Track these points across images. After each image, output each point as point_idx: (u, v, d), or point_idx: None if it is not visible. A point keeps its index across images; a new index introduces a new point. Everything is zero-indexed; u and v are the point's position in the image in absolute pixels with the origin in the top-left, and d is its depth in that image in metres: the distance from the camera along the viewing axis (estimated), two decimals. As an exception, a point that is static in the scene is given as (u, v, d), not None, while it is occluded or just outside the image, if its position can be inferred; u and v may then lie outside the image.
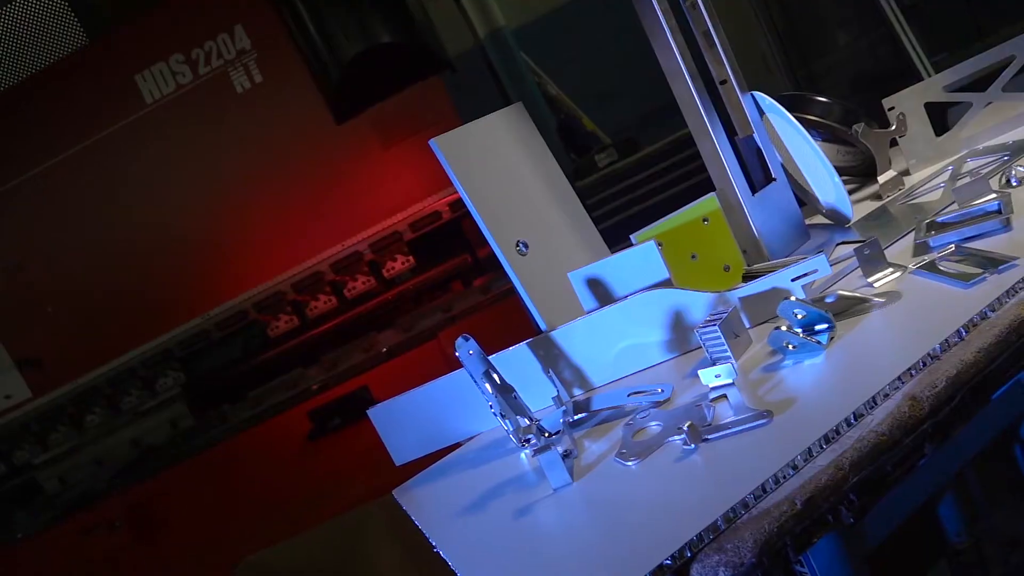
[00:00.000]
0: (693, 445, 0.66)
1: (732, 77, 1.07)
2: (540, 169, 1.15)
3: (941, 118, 1.22)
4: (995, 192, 0.89)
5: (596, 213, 3.14)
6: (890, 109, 1.16)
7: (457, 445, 1.00)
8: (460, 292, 2.86)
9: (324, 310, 2.90)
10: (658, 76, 1.05)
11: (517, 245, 1.08)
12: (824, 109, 1.23)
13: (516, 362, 0.95)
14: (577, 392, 0.96)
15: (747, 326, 0.88)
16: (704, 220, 1.05)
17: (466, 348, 0.87)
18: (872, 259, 0.83)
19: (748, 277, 0.99)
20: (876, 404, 0.61)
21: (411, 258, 2.86)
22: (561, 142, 3.60)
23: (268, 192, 2.77)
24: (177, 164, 2.77)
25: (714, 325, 0.81)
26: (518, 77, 3.66)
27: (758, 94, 1.08)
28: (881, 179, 1.13)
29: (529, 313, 1.08)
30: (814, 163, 1.07)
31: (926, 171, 1.16)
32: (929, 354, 0.63)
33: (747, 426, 0.66)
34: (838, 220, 1.10)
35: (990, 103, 1.15)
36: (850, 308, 0.79)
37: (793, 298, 0.76)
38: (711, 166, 1.06)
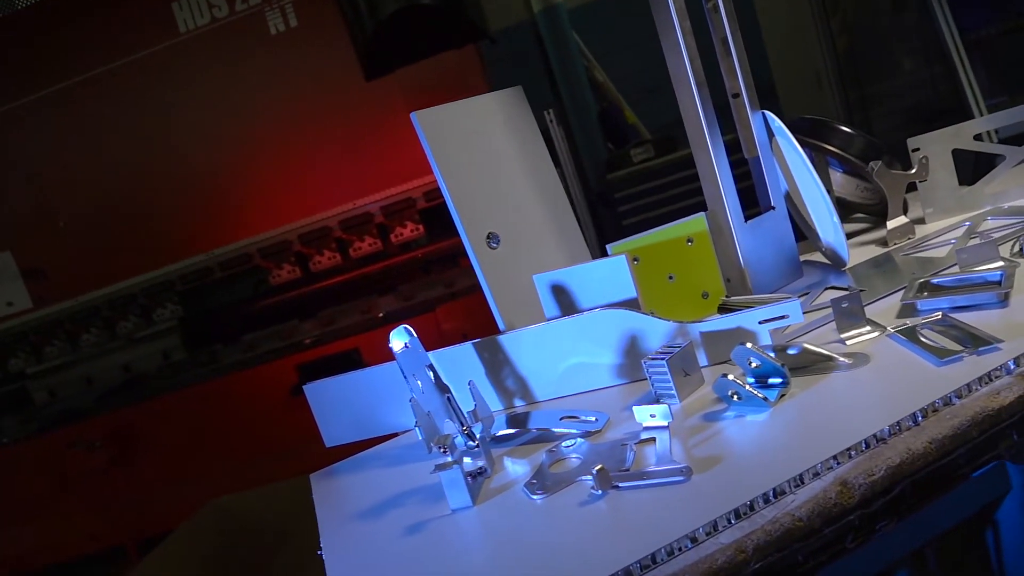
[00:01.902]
0: (600, 491, 0.60)
1: (744, 92, 0.99)
2: (528, 161, 1.08)
3: (975, 168, 1.12)
4: (1002, 260, 0.80)
5: (622, 208, 3.06)
6: (915, 150, 1.07)
7: (390, 436, 0.95)
8: (465, 269, 2.81)
9: (327, 266, 2.87)
10: (709, 78, 0.97)
11: (488, 237, 1.02)
12: (845, 140, 1.14)
13: (460, 362, 0.90)
14: (519, 403, 0.90)
15: (704, 364, 0.81)
16: (688, 240, 0.98)
17: (401, 341, 0.81)
18: (850, 313, 0.76)
19: (724, 309, 0.92)
20: (802, 483, 0.54)
21: (421, 227, 2.81)
22: (600, 130, 3.51)
23: (287, 140, 2.73)
24: (202, 98, 2.74)
25: (663, 360, 0.74)
26: (567, 58, 3.56)
27: (769, 115, 1.00)
28: (890, 224, 1.05)
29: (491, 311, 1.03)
30: (817, 196, 0.99)
31: (942, 223, 1.07)
32: (876, 435, 0.56)
33: (661, 480, 0.59)
34: (835, 262, 1.02)
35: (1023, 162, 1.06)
36: (813, 364, 0.72)
37: (750, 344, 0.69)
38: (705, 184, 0.99)
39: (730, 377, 0.67)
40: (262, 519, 2.46)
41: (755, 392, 0.66)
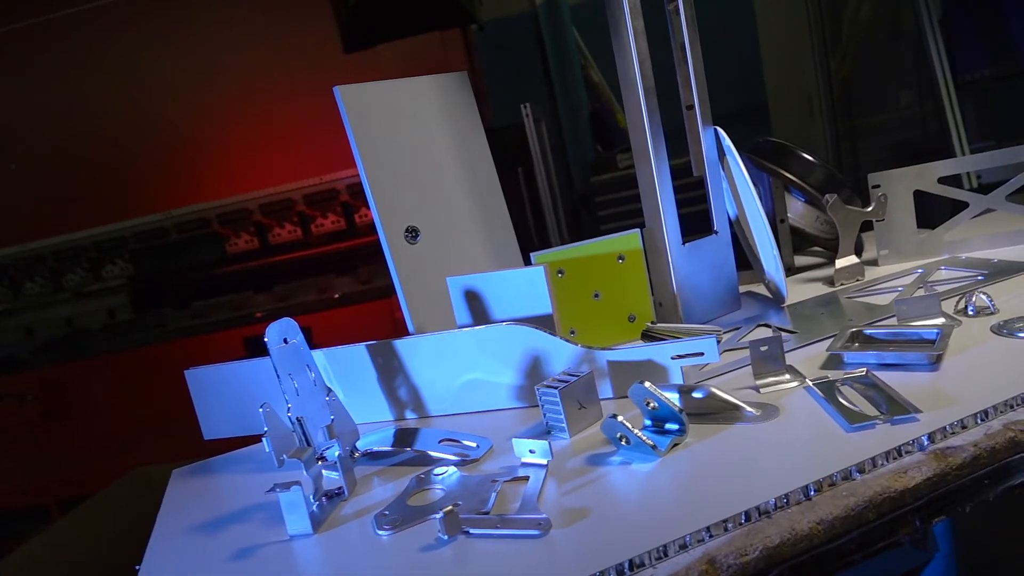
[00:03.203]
0: (446, 536, 0.53)
1: (697, 104, 0.92)
2: (464, 153, 1.00)
3: (952, 213, 1.05)
4: (942, 318, 0.74)
5: (602, 212, 2.99)
6: (874, 187, 1.00)
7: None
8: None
9: (287, 240, 2.78)
10: (717, 90, 0.90)
11: (407, 231, 0.94)
12: (805, 168, 1.07)
13: (351, 365, 0.82)
14: (411, 416, 0.82)
15: (609, 396, 0.74)
16: (620, 258, 0.90)
17: (279, 334, 0.73)
18: (768, 358, 0.69)
19: (647, 336, 0.85)
20: (665, 555, 0.47)
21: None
22: (591, 131, 3.44)
23: (257, 105, 2.63)
24: (173, 52, 2.63)
25: (555, 389, 0.67)
26: (564, 54, 3.48)
27: (721, 132, 0.93)
28: (839, 263, 0.98)
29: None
30: (760, 225, 0.91)
31: (896, 267, 1.00)
32: (759, 508, 0.49)
33: (515, 532, 0.52)
34: (776, 297, 0.95)
35: (989, 210, 0.99)
36: (718, 411, 0.65)
37: (648, 384, 0.62)
38: (645, 199, 0.91)
39: (620, 419, 0.60)
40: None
41: (644, 439, 0.59)
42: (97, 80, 2.68)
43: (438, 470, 0.65)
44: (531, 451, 0.62)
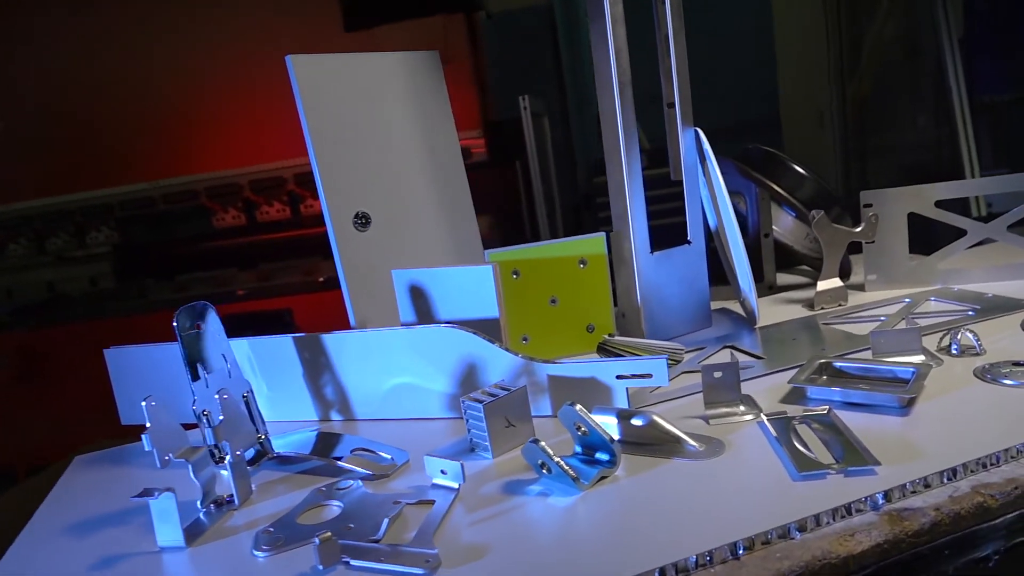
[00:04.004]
0: (321, 567, 0.46)
1: (678, 102, 0.85)
2: (428, 138, 0.93)
3: (940, 238, 0.98)
4: (921, 356, 0.67)
5: (603, 214, 2.92)
6: (866, 206, 0.92)
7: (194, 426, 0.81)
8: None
9: (276, 218, 2.71)
10: (724, 96, 0.85)
11: (357, 217, 0.87)
12: (795, 181, 1.00)
13: (276, 357, 0.75)
14: (336, 418, 0.76)
15: (546, 414, 0.67)
16: (581, 262, 0.83)
17: (190, 319, 0.67)
18: (721, 387, 0.62)
19: (603, 349, 0.78)
20: (559, 614, 0.40)
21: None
22: (596, 130, 3.35)
23: (252, 78, 2.56)
24: (170, 21, 2.57)
25: (479, 404, 0.60)
26: (577, 50, 3.40)
27: (702, 135, 0.86)
28: (820, 285, 0.91)
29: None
30: (736, 239, 0.84)
31: (883, 293, 0.93)
32: (677, 566, 0.42)
33: (398, 569, 0.45)
34: (749, 317, 0.88)
35: (989, 241, 0.92)
36: (659, 442, 0.58)
37: (579, 407, 0.55)
38: (614, 201, 0.84)
39: (541, 444, 0.53)
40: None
41: (566, 469, 0.52)
42: (93, 44, 2.62)
43: (344, 484, 0.59)
44: (442, 472, 0.55)
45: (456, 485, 0.55)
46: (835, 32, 2.88)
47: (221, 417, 0.57)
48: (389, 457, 0.62)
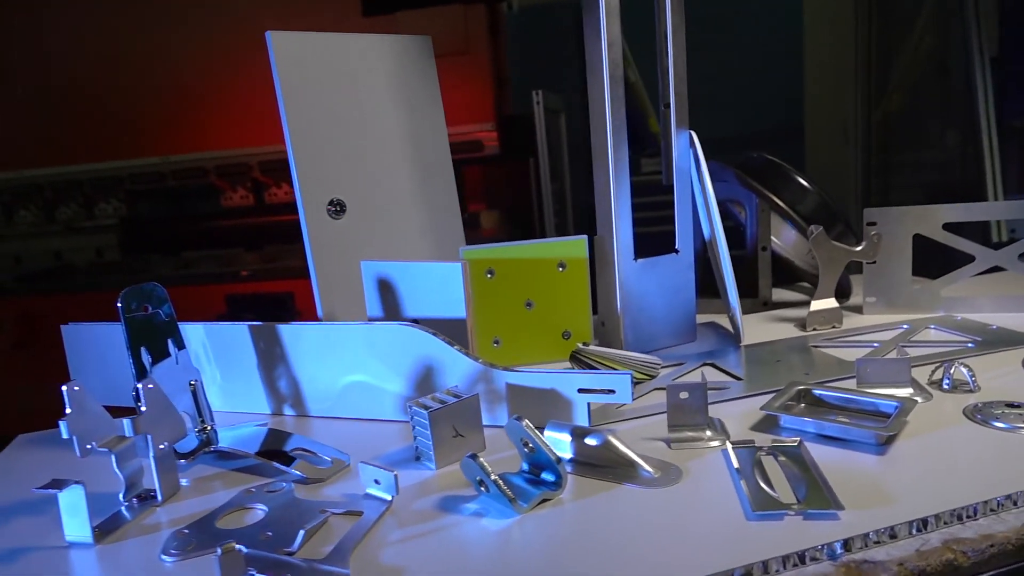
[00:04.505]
0: (221, 579, 0.43)
1: (674, 103, 0.80)
2: (413, 126, 0.89)
3: (954, 262, 0.92)
4: (910, 389, 0.62)
5: (640, 215, 2.88)
6: (869, 224, 0.87)
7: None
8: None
9: (284, 200, 2.69)
10: (750, 105, 0.81)
11: (331, 204, 0.84)
12: (797, 194, 0.95)
13: (231, 345, 0.72)
14: (289, 413, 0.72)
15: (501, 424, 0.63)
16: (560, 265, 0.79)
17: (136, 300, 0.64)
18: (687, 409, 0.57)
19: (576, 359, 0.74)
20: (464, 655, 0.36)
21: (387, 184, 2.62)
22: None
23: (267, 59, 2.54)
24: (191, -3, 2.56)
25: (424, 411, 0.56)
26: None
27: (696, 138, 0.81)
28: (814, 305, 0.86)
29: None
30: (724, 251, 0.80)
31: (881, 318, 0.88)
32: (603, 607, 0.39)
33: (302, 588, 0.42)
34: (736, 334, 0.84)
35: (998, 268, 0.86)
36: (613, 465, 0.54)
37: (525, 422, 0.51)
38: (599, 203, 0.80)
39: (479, 460, 0.49)
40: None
41: (503, 489, 0.48)
42: (113, 18, 2.61)
43: (276, 486, 0.55)
44: (376, 481, 0.52)
45: (388, 497, 0.51)
46: (864, 44, 2.81)
47: (143, 408, 0.53)
48: (329, 460, 0.59)
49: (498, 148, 2.69)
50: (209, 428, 0.66)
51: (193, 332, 0.73)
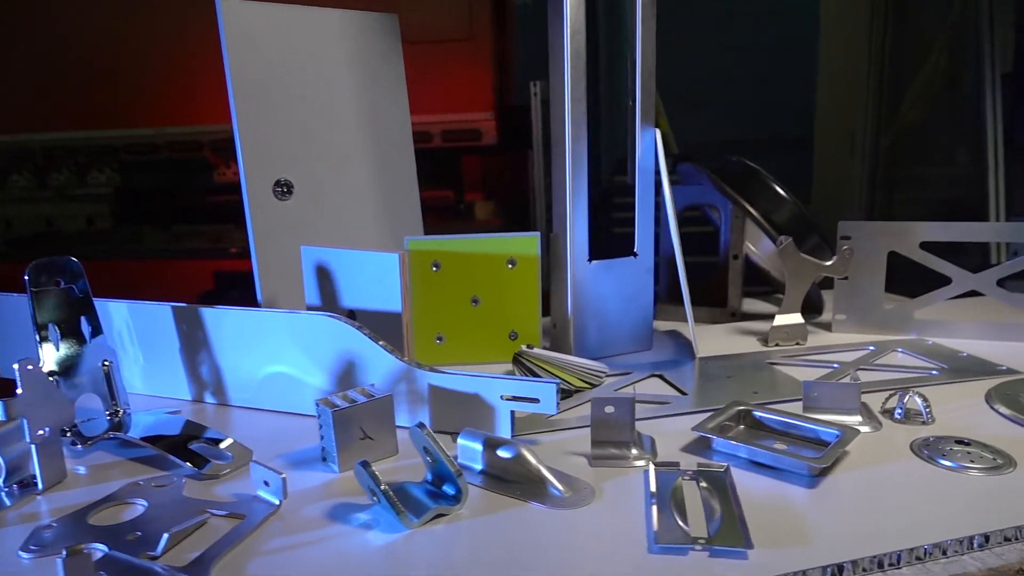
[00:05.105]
0: (65, 583, 0.39)
1: (639, 99, 0.76)
2: (372, 108, 0.86)
3: (929, 280, 0.88)
4: (858, 416, 0.58)
5: (616, 215, 2.83)
6: (843, 238, 0.83)
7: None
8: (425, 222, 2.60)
9: (277, 180, 2.66)
10: (768, 112, 0.78)
11: (278, 184, 0.80)
12: (772, 202, 0.91)
13: (153, 326, 0.69)
14: (210, 400, 0.69)
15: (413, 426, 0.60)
16: (510, 262, 0.76)
17: (45, 274, 0.61)
18: (612, 424, 0.54)
19: (518, 361, 0.70)
20: None
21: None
22: (627, 127, 3.25)
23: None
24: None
25: (329, 410, 0.53)
26: (617, 43, 3.30)
27: (659, 138, 0.77)
28: (778, 320, 0.82)
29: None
30: (679, 259, 0.76)
31: (850, 336, 0.84)
32: (466, 643, 0.35)
33: (148, 600, 0.38)
34: (690, 347, 0.80)
35: (976, 294, 0.82)
36: (524, 480, 0.50)
37: (426, 430, 0.47)
38: (555, 199, 0.76)
39: (371, 468, 0.45)
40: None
41: (393, 501, 0.45)
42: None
43: (165, 480, 0.52)
44: (266, 483, 0.48)
45: (276, 501, 0.47)
46: (878, 54, 2.74)
47: (19, 390, 0.50)
48: (231, 455, 0.55)
49: (496, 138, 2.64)
50: (122, 412, 0.62)
51: (116, 310, 0.70)
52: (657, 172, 0.78)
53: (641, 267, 0.79)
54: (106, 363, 0.62)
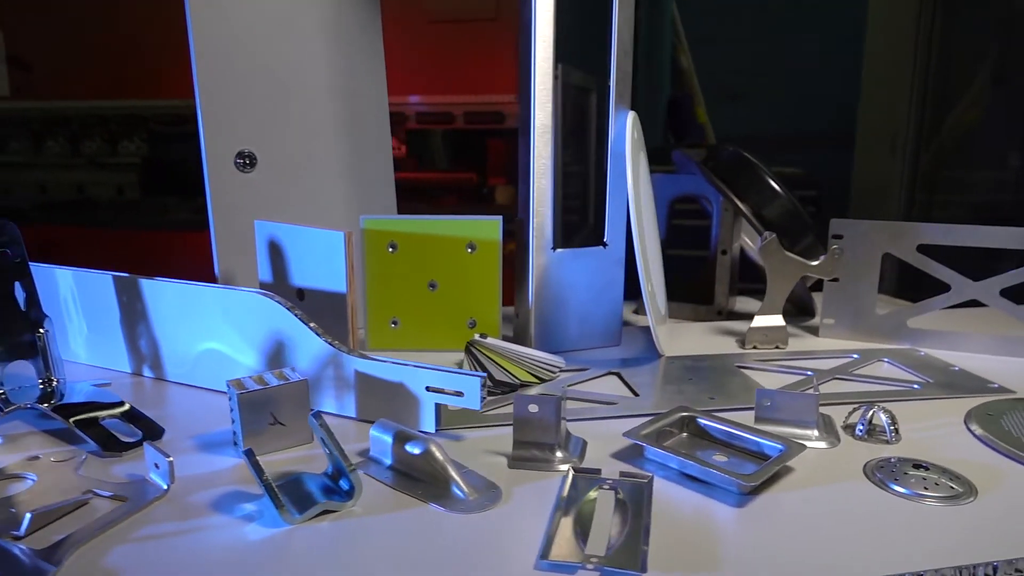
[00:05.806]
0: (-90, 560, 0.37)
1: (614, 80, 0.72)
2: (346, 81, 0.82)
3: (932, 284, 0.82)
4: (816, 430, 0.53)
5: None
6: (835, 236, 0.77)
7: None
8: (446, 204, 2.56)
9: (300, 156, 2.66)
10: (807, 106, 0.74)
11: (240, 156, 0.78)
12: (765, 196, 0.85)
13: (93, 294, 0.67)
14: (148, 375, 0.67)
15: (348, 415, 0.57)
16: (470, 246, 0.72)
17: (-26, 237, 0.59)
18: (536, 425, 0.50)
19: (469, 351, 0.67)
20: None
21: (404, 148, 2.56)
22: (662, 118, 3.18)
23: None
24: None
25: (235, 392, 0.50)
26: (656, 31, 3.22)
27: (635, 122, 0.72)
28: (756, 321, 0.77)
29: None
30: (656, 253, 0.71)
31: (837, 343, 0.79)
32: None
33: (-13, 584, 0.36)
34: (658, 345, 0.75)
35: (977, 303, 0.76)
36: (430, 479, 0.47)
37: (321, 419, 0.44)
38: (521, 182, 0.72)
39: (254, 459, 0.43)
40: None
41: (273, 494, 0.42)
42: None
43: (66, 455, 0.50)
44: (156, 465, 0.46)
45: (164, 485, 0.45)
46: (924, 48, 2.62)
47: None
48: (140, 433, 0.53)
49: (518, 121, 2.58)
50: (56, 382, 0.61)
51: (62, 278, 0.69)
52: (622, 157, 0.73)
53: (611, 258, 0.74)
54: (40, 331, 0.61)
